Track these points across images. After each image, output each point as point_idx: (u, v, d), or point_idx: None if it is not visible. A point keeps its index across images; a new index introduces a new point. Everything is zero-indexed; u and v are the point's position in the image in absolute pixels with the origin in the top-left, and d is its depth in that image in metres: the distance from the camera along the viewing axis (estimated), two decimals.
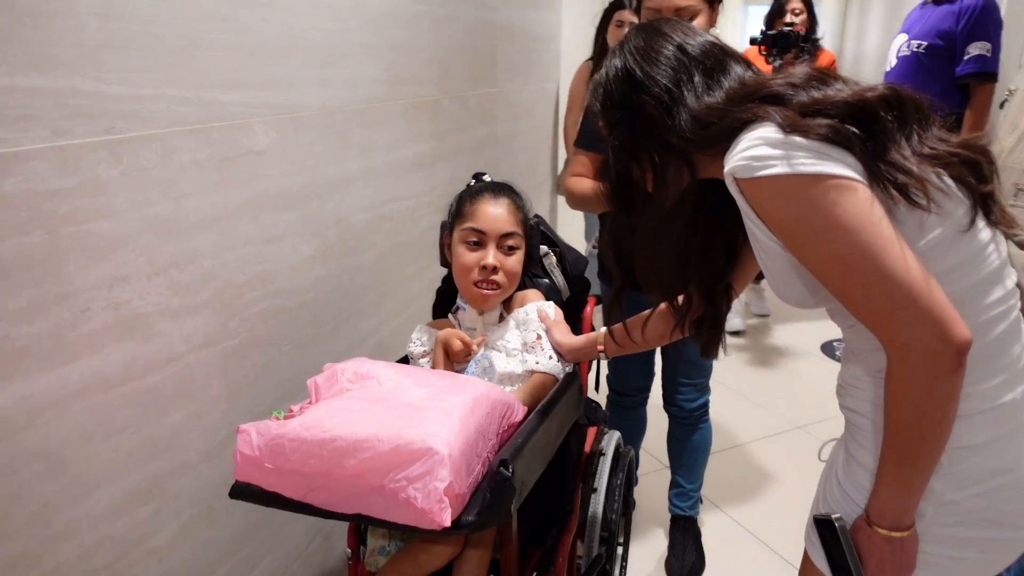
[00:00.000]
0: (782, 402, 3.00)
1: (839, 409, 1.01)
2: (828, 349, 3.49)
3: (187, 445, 1.25)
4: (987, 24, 2.65)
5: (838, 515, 0.93)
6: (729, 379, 3.18)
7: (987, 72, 2.67)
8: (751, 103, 0.89)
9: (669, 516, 2.12)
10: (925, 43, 2.84)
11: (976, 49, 2.67)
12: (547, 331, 1.40)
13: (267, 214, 1.41)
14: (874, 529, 0.88)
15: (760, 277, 3.44)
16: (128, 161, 1.08)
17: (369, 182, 1.79)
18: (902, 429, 0.83)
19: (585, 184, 1.74)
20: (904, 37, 2.95)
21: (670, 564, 2.01)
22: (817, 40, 3.37)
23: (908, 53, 2.90)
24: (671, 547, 2.05)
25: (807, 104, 0.86)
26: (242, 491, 1.03)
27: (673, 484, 2.10)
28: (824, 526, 0.94)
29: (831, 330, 3.57)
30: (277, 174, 1.42)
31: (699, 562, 2.01)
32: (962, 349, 0.77)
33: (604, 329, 1.40)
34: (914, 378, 0.79)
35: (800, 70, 0.93)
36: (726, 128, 0.90)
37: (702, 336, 1.17)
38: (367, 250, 1.80)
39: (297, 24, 1.44)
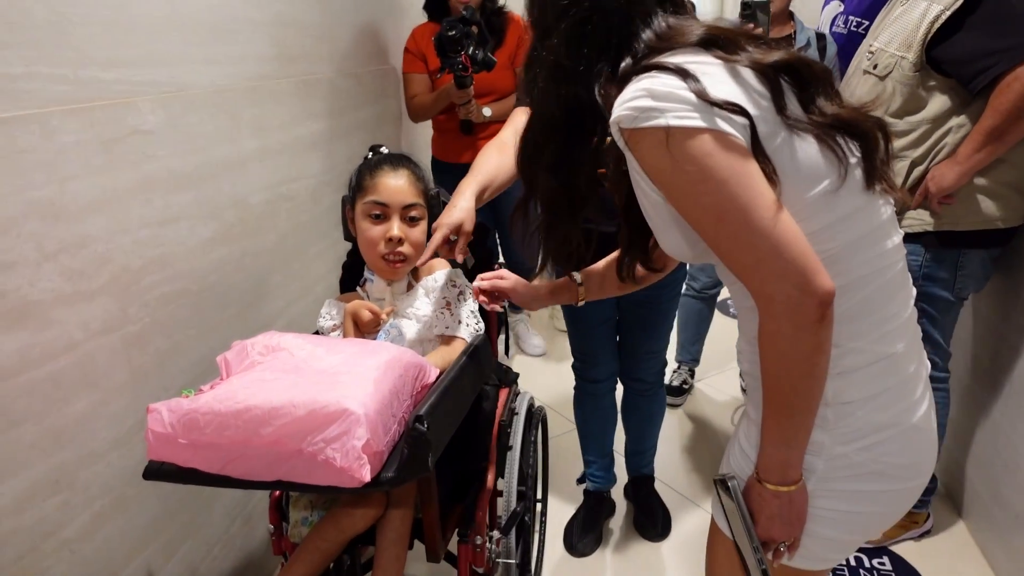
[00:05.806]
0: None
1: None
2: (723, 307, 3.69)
3: (94, 434, 1.22)
4: None
5: (731, 474, 0.96)
6: None
7: None
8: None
9: (620, 479, 2.14)
10: (866, 22, 2.38)
11: None
12: (512, 290, 1.31)
13: (160, 196, 1.37)
14: (763, 485, 0.90)
15: None
16: (4, 143, 1.04)
17: (265, 162, 1.76)
18: (774, 383, 0.84)
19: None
20: (837, 7, 2.60)
21: (641, 523, 2.05)
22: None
23: (844, 30, 2.49)
24: (638, 507, 2.09)
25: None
26: (156, 471, 1.02)
27: (632, 451, 2.09)
28: (720, 486, 0.96)
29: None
30: (167, 155, 1.39)
31: (668, 516, 2.07)
32: (824, 300, 0.78)
33: (577, 275, 1.33)
34: (779, 331, 0.80)
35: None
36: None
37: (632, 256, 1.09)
38: (268, 231, 1.78)
39: None
